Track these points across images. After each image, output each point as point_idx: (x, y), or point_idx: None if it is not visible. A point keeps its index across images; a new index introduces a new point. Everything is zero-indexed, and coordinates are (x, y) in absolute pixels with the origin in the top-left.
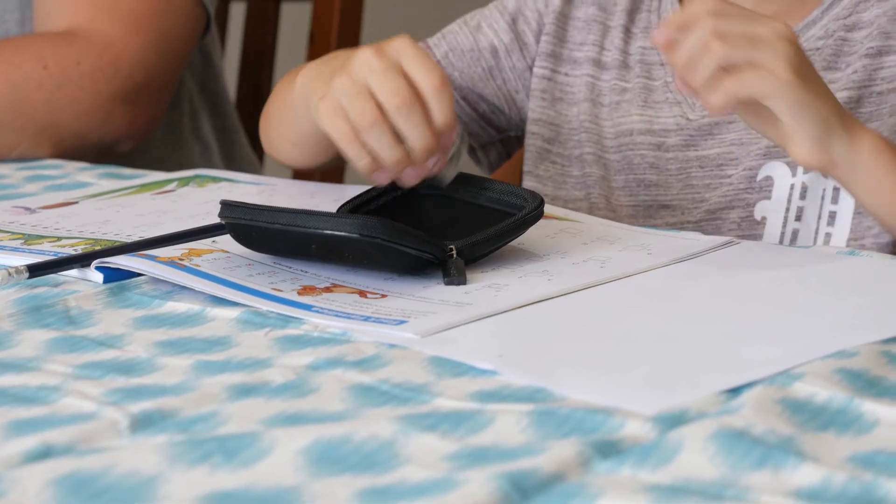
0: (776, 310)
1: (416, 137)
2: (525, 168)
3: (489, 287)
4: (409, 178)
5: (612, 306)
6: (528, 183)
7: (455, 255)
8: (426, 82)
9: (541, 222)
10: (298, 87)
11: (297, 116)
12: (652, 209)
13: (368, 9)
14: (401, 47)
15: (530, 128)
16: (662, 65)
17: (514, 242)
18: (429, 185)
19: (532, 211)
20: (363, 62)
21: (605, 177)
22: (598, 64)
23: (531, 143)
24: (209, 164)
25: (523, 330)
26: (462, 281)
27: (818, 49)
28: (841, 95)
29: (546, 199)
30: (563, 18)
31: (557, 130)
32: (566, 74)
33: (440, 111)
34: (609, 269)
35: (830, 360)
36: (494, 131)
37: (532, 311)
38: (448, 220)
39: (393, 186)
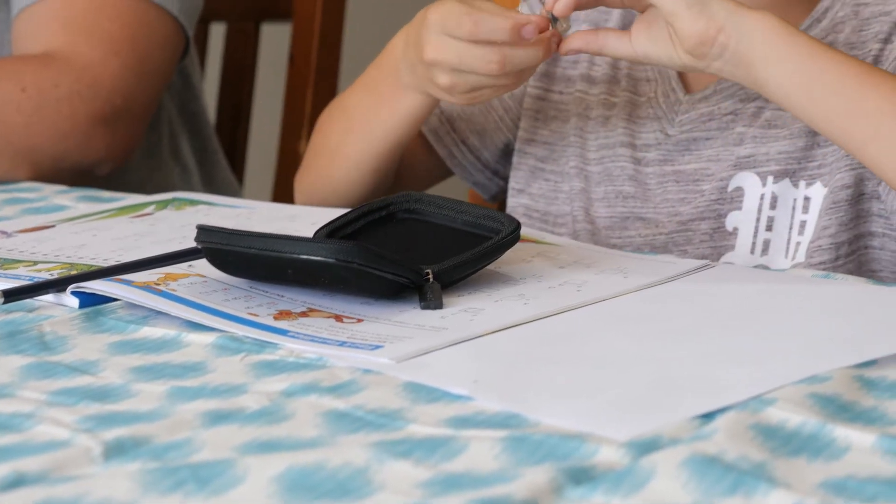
0: (751, 333)
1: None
2: (514, 185)
3: (465, 311)
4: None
5: (587, 330)
6: (518, 200)
7: (431, 280)
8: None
9: (518, 245)
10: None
11: (371, 125)
12: (628, 221)
13: (349, 30)
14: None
15: (522, 147)
16: (649, 81)
17: (491, 266)
18: (405, 210)
19: (508, 235)
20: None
21: (585, 189)
22: (588, 79)
23: (523, 163)
24: (188, 186)
25: (498, 354)
26: (438, 305)
27: None
28: None
29: (538, 216)
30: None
31: (552, 148)
32: (560, 93)
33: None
34: (585, 293)
35: (803, 385)
36: (491, 173)
37: (508, 335)
38: (425, 244)
39: (370, 210)
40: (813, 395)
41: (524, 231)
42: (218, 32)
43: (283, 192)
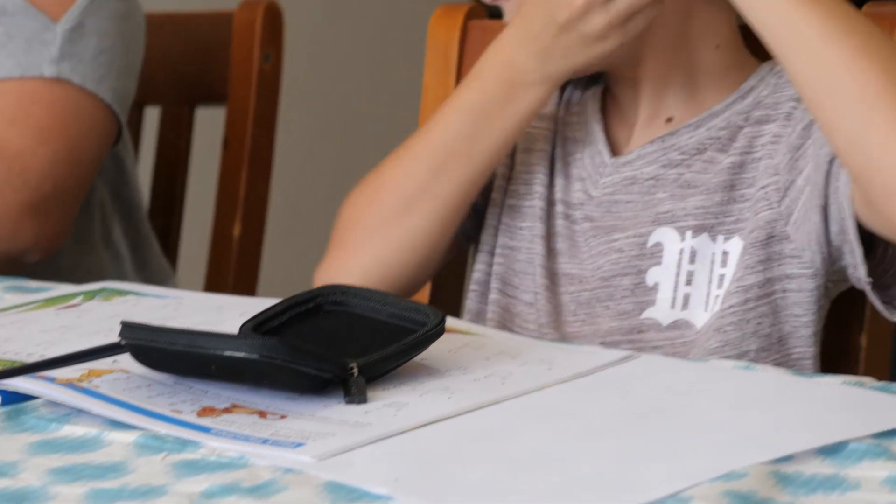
0: (670, 429)
1: None
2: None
3: (389, 406)
4: None
5: (509, 426)
6: (482, 258)
7: (356, 374)
8: None
9: (444, 336)
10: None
11: (477, 144)
12: (556, 277)
13: (283, 113)
14: None
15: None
16: (577, 141)
17: (417, 358)
18: (332, 302)
19: (433, 328)
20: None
21: (528, 248)
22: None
23: (489, 224)
24: (120, 272)
25: (421, 451)
26: (363, 400)
27: (718, 137)
28: (725, 163)
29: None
30: None
31: (516, 204)
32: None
33: None
34: (509, 386)
35: (719, 482)
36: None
37: (431, 430)
38: (351, 336)
39: (296, 302)
40: (729, 493)
41: (450, 322)
42: (152, 116)
43: (216, 277)
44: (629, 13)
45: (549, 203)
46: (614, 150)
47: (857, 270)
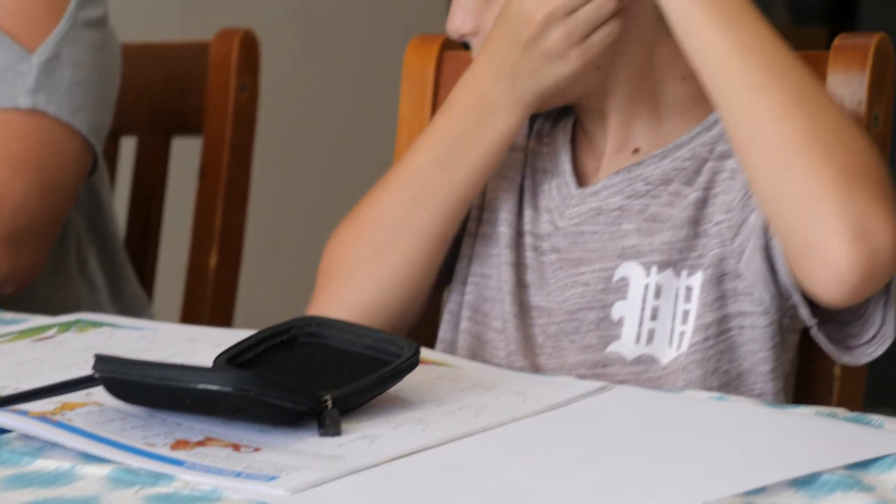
0: (644, 461)
1: None
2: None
3: (364, 438)
4: None
5: (483, 458)
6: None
7: (330, 406)
8: None
9: (419, 368)
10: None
11: (454, 175)
12: (526, 309)
13: (259, 143)
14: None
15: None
16: (545, 172)
17: (392, 390)
18: (307, 333)
19: (408, 359)
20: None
21: (497, 274)
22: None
23: (464, 254)
24: (96, 302)
25: (395, 484)
26: (337, 432)
27: (684, 169)
28: (692, 198)
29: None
30: None
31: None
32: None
33: None
34: (484, 418)
35: None
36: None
37: (405, 463)
38: (326, 368)
39: (271, 334)
40: None
41: (425, 353)
42: (129, 146)
43: (192, 306)
44: (588, 27)
45: (518, 233)
46: (582, 181)
47: (801, 311)
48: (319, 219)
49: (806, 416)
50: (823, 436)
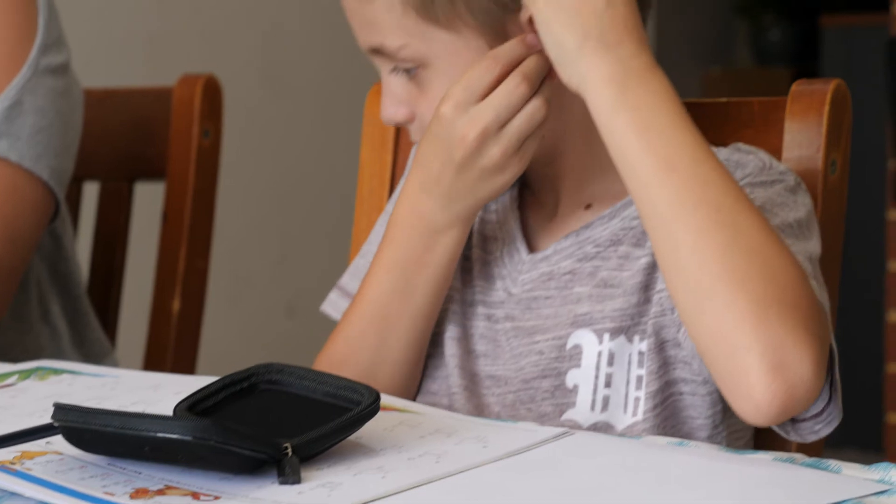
0: None
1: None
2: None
3: (323, 486)
4: None
5: None
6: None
7: (290, 454)
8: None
9: (380, 414)
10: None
11: (411, 300)
12: (478, 378)
13: (222, 189)
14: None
15: None
16: (495, 239)
17: (352, 436)
18: (267, 381)
19: (368, 406)
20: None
21: (441, 353)
22: None
23: None
24: (58, 349)
25: None
26: (296, 480)
27: (632, 228)
28: (642, 262)
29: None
30: None
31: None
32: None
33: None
34: (444, 465)
35: None
36: None
37: None
38: (286, 416)
39: (231, 382)
40: None
41: (387, 399)
42: (91, 191)
43: (156, 351)
44: (522, 138)
45: (469, 304)
46: (532, 246)
47: None
48: (283, 264)
49: (764, 462)
50: (782, 481)
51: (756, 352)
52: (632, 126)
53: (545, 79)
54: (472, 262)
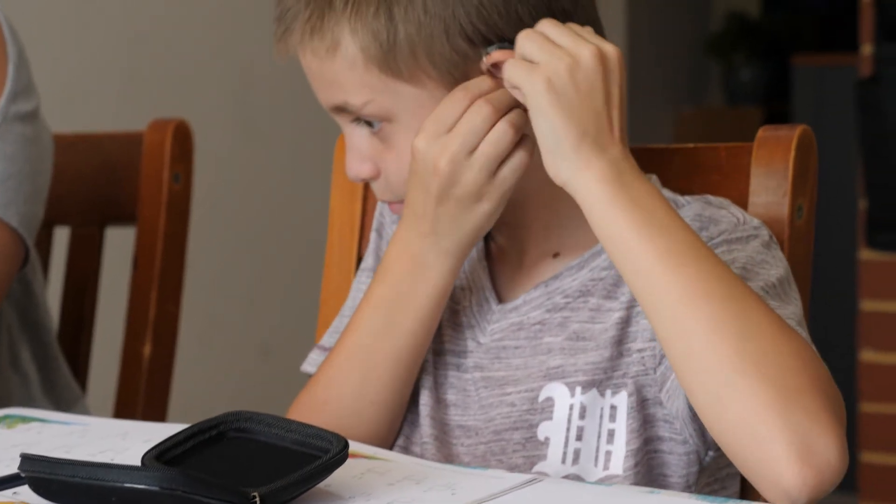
0: None
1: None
2: None
3: None
4: None
5: None
6: None
7: (258, 503)
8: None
9: (349, 461)
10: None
11: (395, 341)
12: (448, 428)
13: (193, 234)
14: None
15: None
16: (463, 289)
17: (321, 484)
18: (235, 429)
19: (336, 454)
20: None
21: (417, 401)
22: None
23: None
24: (28, 395)
25: None
26: None
27: (602, 279)
28: (615, 316)
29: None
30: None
31: None
32: None
33: None
34: None
35: None
36: None
37: None
38: (254, 464)
39: (200, 430)
40: None
41: (356, 447)
42: (62, 236)
43: (126, 397)
44: (493, 161)
45: (438, 353)
46: (501, 296)
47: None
48: (254, 309)
49: None
50: None
51: (782, 441)
52: (631, 222)
53: (515, 107)
54: (443, 314)
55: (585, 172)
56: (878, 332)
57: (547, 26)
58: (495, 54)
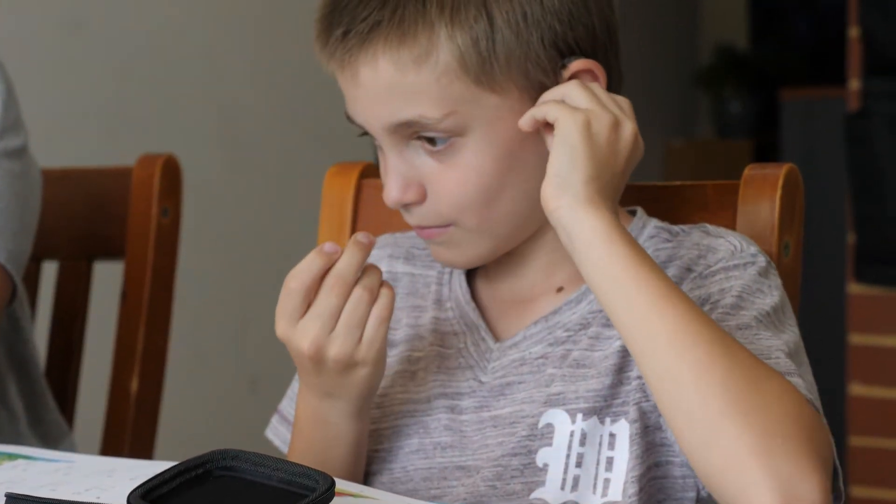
0: None
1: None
2: None
3: None
4: None
5: None
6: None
7: None
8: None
9: (336, 500)
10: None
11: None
12: (447, 471)
13: (181, 268)
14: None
15: None
16: (456, 333)
17: None
18: (222, 467)
19: (323, 493)
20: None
21: (397, 446)
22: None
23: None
24: (15, 430)
25: None
26: None
27: (601, 310)
28: (616, 345)
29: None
30: None
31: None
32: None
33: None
34: None
35: None
36: None
37: None
38: (241, 503)
39: (186, 468)
40: None
41: (342, 485)
42: (50, 270)
43: (114, 432)
44: (355, 332)
45: (425, 401)
46: (496, 334)
47: None
48: (242, 343)
49: None
50: None
51: (766, 487)
52: (629, 259)
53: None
54: (428, 362)
55: (588, 206)
56: (866, 365)
57: (596, 88)
58: (575, 64)
